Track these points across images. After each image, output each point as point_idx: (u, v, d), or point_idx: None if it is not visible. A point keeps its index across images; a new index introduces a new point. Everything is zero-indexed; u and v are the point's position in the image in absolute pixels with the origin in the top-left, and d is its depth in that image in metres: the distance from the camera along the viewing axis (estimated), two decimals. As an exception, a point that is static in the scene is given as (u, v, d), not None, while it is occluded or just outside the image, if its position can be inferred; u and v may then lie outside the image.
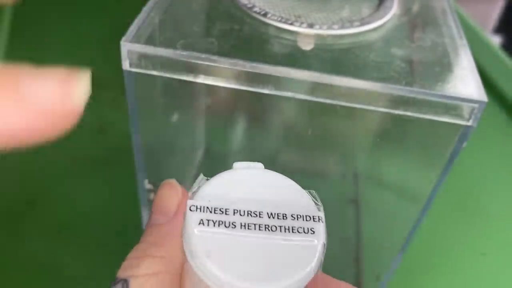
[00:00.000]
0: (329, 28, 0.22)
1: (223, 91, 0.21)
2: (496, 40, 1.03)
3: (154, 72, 0.20)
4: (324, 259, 0.17)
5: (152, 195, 0.27)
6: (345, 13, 0.24)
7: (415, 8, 0.25)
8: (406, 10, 0.25)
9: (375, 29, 0.23)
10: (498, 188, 0.42)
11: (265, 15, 0.22)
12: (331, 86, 0.19)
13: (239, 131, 0.34)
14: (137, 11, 0.22)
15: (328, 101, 0.20)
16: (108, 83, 0.47)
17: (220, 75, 0.20)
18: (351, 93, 0.20)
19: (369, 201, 0.36)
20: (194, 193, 0.17)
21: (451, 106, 0.19)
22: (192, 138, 0.35)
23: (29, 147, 0.13)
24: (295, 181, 0.18)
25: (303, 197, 0.17)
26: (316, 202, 0.17)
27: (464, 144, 0.21)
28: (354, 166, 0.38)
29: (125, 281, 0.17)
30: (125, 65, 0.20)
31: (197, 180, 0.17)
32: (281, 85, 0.20)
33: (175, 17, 0.22)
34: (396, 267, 0.27)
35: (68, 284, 0.31)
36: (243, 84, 0.20)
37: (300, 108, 0.31)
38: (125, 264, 0.17)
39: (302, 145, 0.37)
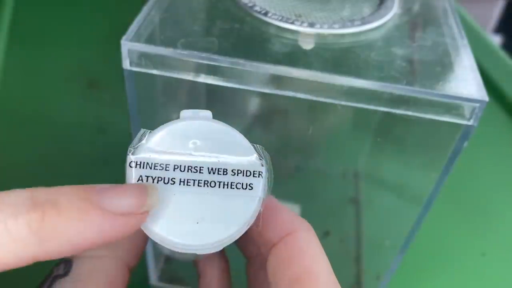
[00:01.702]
0: (330, 27, 0.22)
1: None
2: (496, 40, 1.03)
3: (155, 71, 0.20)
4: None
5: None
6: (346, 12, 0.24)
7: (416, 7, 0.25)
8: (407, 9, 0.25)
9: (376, 29, 0.23)
10: (498, 188, 0.42)
11: (265, 14, 0.22)
12: (331, 85, 0.19)
13: (239, 130, 0.33)
14: (137, 10, 0.22)
15: (328, 100, 0.20)
16: (108, 83, 0.47)
17: (221, 75, 0.20)
18: (351, 92, 0.19)
19: (369, 200, 0.36)
20: (135, 148, 0.16)
21: (452, 106, 0.19)
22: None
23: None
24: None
25: (247, 151, 0.17)
26: (261, 157, 0.17)
27: (465, 144, 0.21)
28: (354, 165, 0.38)
29: (68, 262, 0.17)
30: (125, 64, 0.20)
31: (138, 134, 0.17)
32: (281, 84, 0.20)
33: (175, 16, 0.22)
34: (396, 267, 0.27)
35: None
36: (243, 83, 0.20)
37: (301, 107, 0.31)
38: None
39: (303, 144, 0.37)
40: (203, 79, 0.20)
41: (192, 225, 0.16)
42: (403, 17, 0.24)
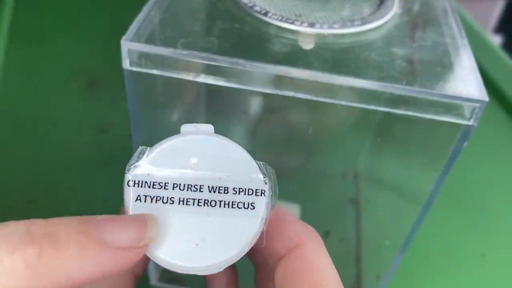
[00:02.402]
0: (330, 27, 0.22)
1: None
2: (496, 40, 1.03)
3: (155, 71, 0.20)
4: None
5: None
6: (346, 12, 0.24)
7: (416, 7, 0.25)
8: (407, 9, 0.25)
9: (376, 29, 0.23)
10: (498, 188, 0.42)
11: (265, 14, 0.22)
12: (331, 85, 0.19)
13: (239, 131, 0.33)
14: (137, 10, 0.22)
15: (328, 100, 0.20)
16: (108, 83, 0.47)
17: (221, 75, 0.20)
18: (351, 92, 0.19)
19: (369, 201, 0.36)
20: (133, 166, 0.16)
21: (452, 106, 0.19)
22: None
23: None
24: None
25: (249, 169, 0.16)
26: (264, 174, 0.16)
27: (465, 144, 0.21)
28: (355, 165, 0.38)
29: None
30: (125, 64, 0.20)
31: (137, 151, 0.16)
32: (281, 84, 0.20)
33: (175, 16, 0.22)
34: (396, 267, 0.27)
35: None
36: (243, 83, 0.20)
37: (301, 107, 0.31)
38: None
39: (303, 145, 0.37)
40: (203, 79, 0.20)
41: (191, 246, 0.15)
42: (403, 17, 0.24)
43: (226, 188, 0.16)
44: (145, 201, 0.15)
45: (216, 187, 0.16)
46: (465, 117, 0.20)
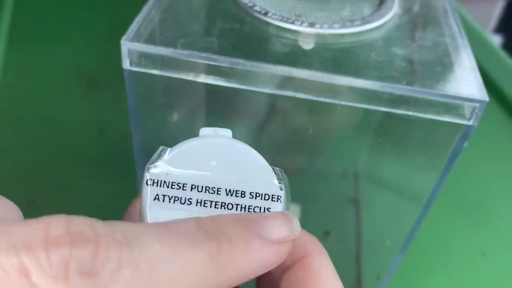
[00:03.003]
0: (330, 27, 0.22)
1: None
2: (496, 40, 1.03)
3: (155, 71, 0.20)
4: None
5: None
6: (346, 12, 0.24)
7: (416, 7, 0.25)
8: (407, 9, 0.25)
9: (376, 28, 0.23)
10: (498, 188, 0.42)
11: (265, 14, 0.22)
12: (331, 85, 0.19)
13: (239, 131, 0.33)
14: (137, 10, 0.22)
15: (328, 100, 0.20)
16: (108, 83, 0.47)
17: (221, 75, 0.20)
18: (351, 92, 0.19)
19: (369, 201, 0.36)
20: (153, 165, 0.16)
21: (452, 106, 0.19)
22: (192, 138, 0.35)
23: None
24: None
25: (266, 174, 0.16)
26: (280, 180, 0.16)
27: (465, 144, 0.21)
28: (355, 166, 0.38)
29: None
30: (125, 64, 0.20)
31: (157, 151, 0.16)
32: (281, 84, 0.20)
33: (175, 16, 0.22)
34: (396, 267, 0.27)
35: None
36: (243, 83, 0.20)
37: (301, 107, 0.31)
38: None
39: (303, 145, 0.37)
40: (203, 79, 0.20)
41: None
42: (403, 17, 0.24)
43: (243, 192, 0.16)
44: (163, 201, 0.16)
45: (234, 191, 0.16)
46: (465, 117, 0.20)
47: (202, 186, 0.16)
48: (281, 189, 0.16)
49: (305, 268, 0.17)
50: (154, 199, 0.16)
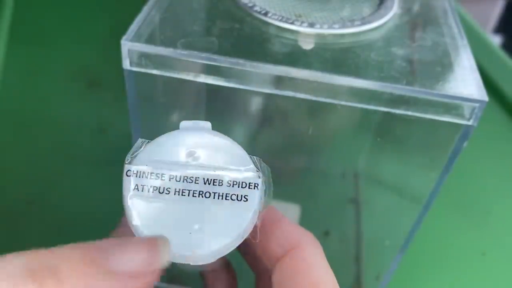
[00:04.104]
0: (330, 27, 0.22)
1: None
2: (496, 40, 1.03)
3: (155, 71, 0.20)
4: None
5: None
6: (346, 12, 0.24)
7: (416, 7, 0.25)
8: (407, 9, 0.25)
9: (375, 29, 0.23)
10: (498, 188, 0.42)
11: (265, 14, 0.22)
12: (331, 85, 0.19)
13: (239, 131, 0.33)
14: (137, 10, 0.22)
15: (328, 100, 0.20)
16: (108, 83, 0.47)
17: (221, 75, 0.20)
18: (351, 92, 0.20)
19: (369, 201, 0.36)
20: (132, 157, 0.16)
21: (451, 106, 0.19)
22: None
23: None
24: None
25: (244, 163, 0.17)
26: (258, 169, 0.17)
27: (465, 144, 0.21)
28: (354, 165, 0.38)
29: None
30: (126, 64, 0.20)
31: (137, 143, 0.17)
32: (281, 84, 0.20)
33: (175, 16, 0.22)
34: (396, 267, 0.27)
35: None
36: (243, 83, 0.20)
37: (301, 107, 0.31)
38: None
39: (302, 145, 0.37)
40: (203, 79, 0.20)
41: (185, 235, 0.16)
42: (403, 17, 0.24)
43: (220, 181, 0.16)
44: (142, 191, 0.16)
45: (211, 180, 0.16)
46: (464, 117, 0.20)
47: (180, 176, 0.16)
48: (259, 177, 0.16)
49: (296, 258, 0.17)
50: (134, 189, 0.16)
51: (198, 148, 0.17)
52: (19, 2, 0.55)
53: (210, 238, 0.16)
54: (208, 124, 0.17)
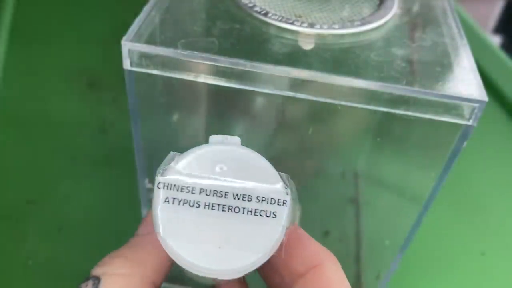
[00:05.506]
0: (330, 27, 0.22)
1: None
2: (496, 40, 1.03)
3: (155, 72, 0.20)
4: None
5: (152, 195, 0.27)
6: (346, 12, 0.24)
7: (416, 7, 0.25)
8: (406, 9, 0.25)
9: (375, 29, 0.23)
10: (498, 188, 0.42)
11: (265, 14, 0.22)
12: (331, 85, 0.19)
13: (239, 131, 0.34)
14: (138, 10, 0.22)
15: (328, 100, 0.20)
16: (108, 83, 0.47)
17: (221, 75, 0.20)
18: (351, 93, 0.20)
19: (369, 201, 0.37)
20: (164, 170, 0.17)
21: (451, 106, 0.19)
22: (192, 138, 0.35)
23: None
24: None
25: (273, 180, 0.17)
26: (286, 185, 0.17)
27: (464, 144, 0.21)
28: (354, 165, 0.38)
29: (97, 278, 0.17)
30: (126, 64, 0.20)
31: (168, 156, 0.17)
32: (281, 84, 0.20)
33: (175, 16, 0.22)
34: (396, 267, 0.27)
35: (68, 284, 0.31)
36: (243, 84, 0.20)
37: (301, 107, 0.31)
38: (99, 262, 0.18)
39: (303, 145, 0.37)
40: (204, 79, 0.20)
41: (213, 249, 0.16)
42: (403, 17, 0.24)
43: (249, 196, 0.16)
44: (173, 203, 0.16)
45: (241, 195, 0.16)
46: (464, 117, 0.20)
47: (210, 190, 0.16)
48: (287, 194, 0.16)
49: (319, 276, 0.18)
50: (164, 202, 0.16)
51: (228, 163, 0.17)
52: (20, 2, 0.55)
53: (239, 253, 0.16)
54: (237, 139, 0.17)
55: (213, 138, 0.17)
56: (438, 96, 0.19)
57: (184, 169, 0.17)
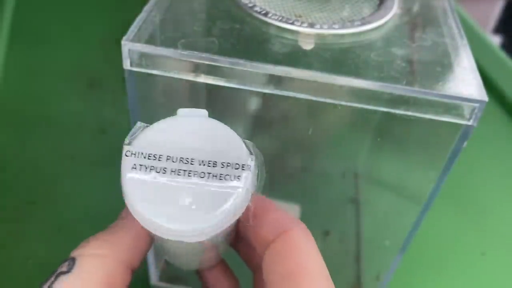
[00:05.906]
0: (330, 27, 0.22)
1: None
2: (496, 40, 1.03)
3: (155, 72, 0.20)
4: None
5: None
6: (346, 12, 0.24)
7: (416, 7, 0.25)
8: (406, 9, 0.25)
9: (375, 29, 0.23)
10: (498, 188, 0.42)
11: (266, 14, 0.22)
12: (331, 85, 0.19)
13: (239, 131, 0.34)
14: (138, 11, 0.22)
15: (328, 100, 0.20)
16: (108, 83, 0.47)
17: (221, 75, 0.20)
18: (351, 93, 0.20)
19: (369, 200, 0.37)
20: (132, 139, 0.17)
21: (451, 106, 0.19)
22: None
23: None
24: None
25: (238, 147, 0.17)
26: (251, 152, 0.17)
27: (465, 144, 0.21)
28: (354, 165, 0.38)
29: (73, 259, 0.18)
30: (126, 64, 0.20)
31: (136, 126, 0.18)
32: (281, 84, 0.20)
33: (176, 16, 0.22)
34: (396, 267, 0.27)
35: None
36: (243, 84, 0.20)
37: (301, 107, 0.31)
38: (79, 245, 0.18)
39: (303, 145, 0.37)
40: (204, 79, 0.20)
41: (180, 212, 0.16)
42: (403, 17, 0.24)
43: (215, 162, 0.17)
44: (139, 170, 0.17)
45: (206, 161, 0.17)
46: (464, 117, 0.20)
47: (177, 157, 0.17)
48: (251, 160, 0.17)
49: (286, 241, 0.18)
50: (132, 169, 0.17)
51: (194, 132, 0.17)
52: (20, 2, 0.55)
53: (203, 215, 0.16)
54: (204, 112, 0.18)
55: (180, 111, 0.18)
56: (438, 96, 0.19)
57: (151, 138, 0.17)
